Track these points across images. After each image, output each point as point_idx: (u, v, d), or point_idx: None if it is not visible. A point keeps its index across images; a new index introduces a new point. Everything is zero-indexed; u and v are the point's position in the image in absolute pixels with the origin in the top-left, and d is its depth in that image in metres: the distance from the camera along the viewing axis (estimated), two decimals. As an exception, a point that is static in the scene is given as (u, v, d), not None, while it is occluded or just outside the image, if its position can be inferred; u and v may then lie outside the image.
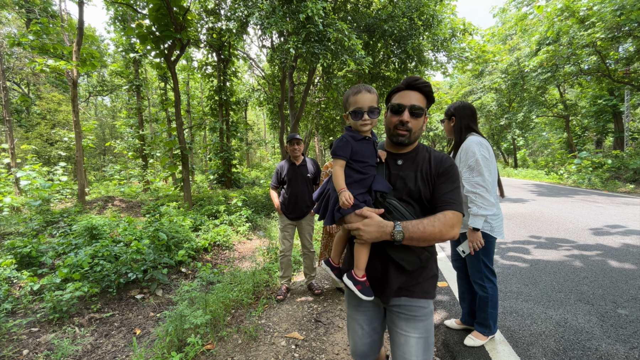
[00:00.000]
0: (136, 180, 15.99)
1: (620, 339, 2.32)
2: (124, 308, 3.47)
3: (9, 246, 4.29)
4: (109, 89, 23.96)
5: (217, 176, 13.11)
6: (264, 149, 33.25)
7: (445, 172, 1.19)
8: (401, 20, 9.48)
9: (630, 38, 13.21)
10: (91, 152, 23.65)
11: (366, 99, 1.18)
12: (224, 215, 7.26)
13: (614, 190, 11.42)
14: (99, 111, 29.41)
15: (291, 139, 3.30)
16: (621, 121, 16.23)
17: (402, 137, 1.21)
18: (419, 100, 1.20)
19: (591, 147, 21.51)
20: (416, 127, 1.21)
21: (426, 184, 1.20)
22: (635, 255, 4.16)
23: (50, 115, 18.21)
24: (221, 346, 2.50)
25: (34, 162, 9.25)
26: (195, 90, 23.18)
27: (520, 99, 23.52)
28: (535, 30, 17.61)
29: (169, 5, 6.60)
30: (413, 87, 1.21)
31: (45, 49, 6.76)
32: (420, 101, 1.20)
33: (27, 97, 17.53)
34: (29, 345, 2.72)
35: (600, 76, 16.35)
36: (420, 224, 1.07)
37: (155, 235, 4.57)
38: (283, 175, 3.41)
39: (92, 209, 8.08)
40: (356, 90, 1.20)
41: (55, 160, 16.78)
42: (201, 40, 11.27)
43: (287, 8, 6.88)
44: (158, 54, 7.63)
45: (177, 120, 7.80)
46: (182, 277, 4.34)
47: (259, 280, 3.67)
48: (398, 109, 1.20)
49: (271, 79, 14.58)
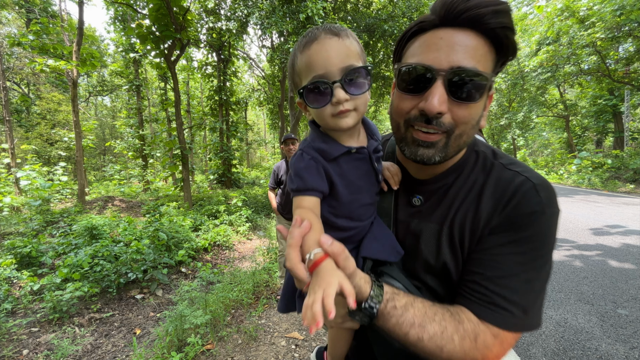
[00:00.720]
0: (136, 180, 16.00)
1: (620, 339, 2.32)
2: (124, 308, 3.47)
3: (9, 246, 4.29)
4: (109, 89, 23.96)
5: (217, 176, 13.13)
6: (264, 149, 33.25)
7: (514, 224, 0.56)
8: (401, 20, 9.49)
9: (630, 38, 13.22)
10: (91, 152, 23.65)
11: (332, 53, 0.56)
12: (224, 215, 7.26)
13: (614, 190, 11.43)
14: (99, 111, 29.42)
15: (286, 139, 3.30)
16: (621, 121, 16.23)
17: (426, 151, 0.58)
18: (474, 52, 0.53)
19: (591, 147, 21.53)
20: (464, 122, 0.56)
21: (460, 252, 0.61)
22: (635, 255, 4.16)
23: (50, 115, 18.22)
24: (221, 346, 2.50)
25: (34, 162, 9.25)
26: (195, 90, 23.18)
27: (520, 99, 23.52)
28: (535, 30, 17.64)
29: (169, 5, 6.60)
30: (462, 20, 0.52)
31: (45, 49, 6.76)
32: (477, 57, 0.53)
33: (27, 97, 17.53)
34: (29, 345, 2.72)
35: (600, 76, 16.36)
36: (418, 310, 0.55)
37: (155, 235, 4.57)
38: (280, 176, 3.41)
39: (92, 209, 8.08)
40: (309, 38, 0.58)
41: (55, 160, 16.79)
42: (201, 40, 11.28)
43: (287, 8, 6.88)
44: (158, 54, 7.63)
45: (177, 120, 7.80)
46: (182, 277, 4.34)
47: (259, 280, 3.67)
48: (419, 81, 0.56)
49: (271, 79, 14.59)
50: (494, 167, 0.62)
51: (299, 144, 2.79)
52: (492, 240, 0.57)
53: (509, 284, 0.54)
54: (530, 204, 0.55)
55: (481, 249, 0.58)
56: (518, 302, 0.54)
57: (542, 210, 0.55)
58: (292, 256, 0.50)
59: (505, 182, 0.59)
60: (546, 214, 0.55)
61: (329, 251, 0.49)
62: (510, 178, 0.59)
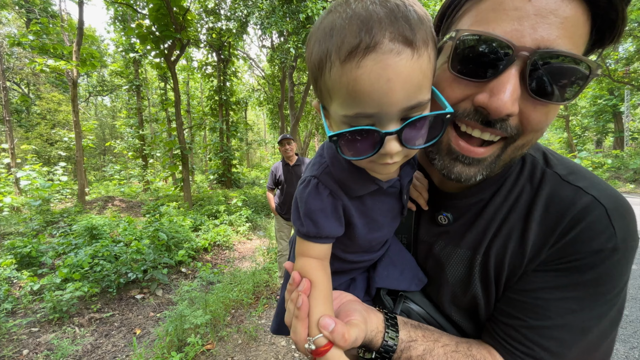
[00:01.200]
0: (136, 180, 16.00)
1: (620, 339, 2.31)
2: (124, 308, 3.47)
3: (9, 246, 4.29)
4: (109, 89, 23.96)
5: (217, 176, 13.14)
6: (264, 149, 33.25)
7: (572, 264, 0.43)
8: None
9: (630, 38, 13.22)
10: (91, 152, 23.66)
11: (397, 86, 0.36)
12: (224, 215, 7.26)
13: (614, 190, 11.43)
14: (99, 111, 29.42)
15: (281, 140, 3.32)
16: (621, 121, 16.23)
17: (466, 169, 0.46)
18: (572, 28, 0.37)
19: (591, 147, 21.56)
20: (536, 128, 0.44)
21: (495, 289, 0.49)
22: (636, 255, 4.15)
23: (50, 115, 18.23)
24: (221, 346, 2.50)
25: (34, 162, 9.25)
26: (195, 90, 23.19)
27: (520, 99, 23.53)
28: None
29: (169, 5, 6.60)
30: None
31: (45, 49, 6.77)
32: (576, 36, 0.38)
33: (27, 97, 17.54)
34: (29, 345, 2.72)
35: (600, 76, 16.35)
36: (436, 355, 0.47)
37: (155, 235, 4.57)
38: (278, 176, 3.42)
39: (92, 209, 8.08)
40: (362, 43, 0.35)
41: (55, 160, 16.79)
42: (201, 40, 11.28)
43: (287, 8, 6.89)
44: (158, 54, 7.63)
45: (177, 120, 7.81)
46: (182, 277, 4.34)
47: (259, 280, 3.67)
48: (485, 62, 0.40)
49: (271, 79, 14.59)
50: (545, 178, 0.46)
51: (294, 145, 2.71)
52: (539, 280, 0.44)
53: (555, 336, 0.42)
54: (597, 239, 0.40)
55: (524, 289, 0.45)
56: (566, 355, 0.41)
57: (615, 248, 0.40)
58: (300, 331, 0.43)
59: (563, 203, 0.43)
60: (619, 251, 0.41)
61: (331, 339, 0.41)
62: (571, 197, 0.43)
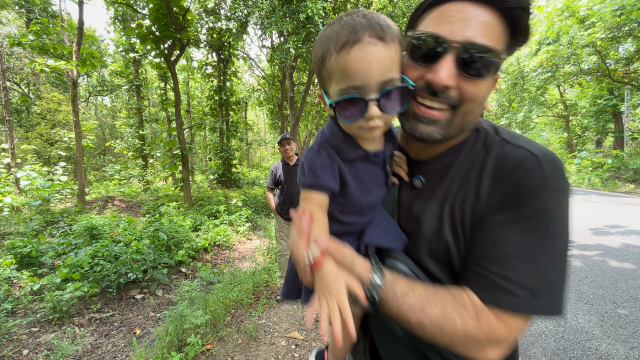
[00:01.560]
0: (136, 180, 16.00)
1: (620, 339, 2.32)
2: (124, 308, 3.47)
3: (9, 246, 4.29)
4: (109, 89, 23.96)
5: (217, 176, 13.13)
6: (264, 149, 33.25)
7: (516, 201, 0.52)
8: (401, 20, 9.48)
9: (630, 38, 13.22)
10: (91, 152, 23.65)
11: (374, 65, 0.51)
12: (224, 215, 7.26)
13: (613, 190, 11.43)
14: (99, 111, 29.41)
15: (281, 140, 3.33)
16: (621, 121, 16.23)
17: (426, 127, 0.58)
18: (488, 29, 0.52)
19: (591, 147, 21.56)
20: (471, 98, 0.55)
21: (462, 233, 0.58)
22: (635, 255, 4.16)
23: (50, 115, 18.23)
24: (221, 346, 2.51)
25: (34, 162, 9.25)
26: (195, 90, 23.19)
27: (521, 98, 23.54)
28: (535, 30, 17.61)
29: (169, 5, 6.60)
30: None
31: (45, 49, 6.77)
32: (492, 35, 0.53)
33: (27, 97, 17.53)
34: (29, 345, 2.72)
35: (600, 76, 16.36)
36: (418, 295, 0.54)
37: (155, 235, 4.57)
38: (278, 176, 3.43)
39: (92, 209, 8.08)
40: (349, 38, 0.51)
41: (55, 160, 16.78)
42: (201, 40, 11.28)
43: (287, 8, 6.88)
44: (158, 54, 7.64)
45: (177, 120, 7.81)
46: (182, 277, 4.34)
47: (259, 280, 3.68)
48: (429, 52, 0.55)
49: (271, 79, 14.60)
50: (494, 142, 0.59)
51: (294, 145, 2.77)
52: (493, 220, 0.54)
53: (512, 265, 0.51)
54: (532, 178, 0.51)
55: (483, 229, 0.55)
56: (523, 283, 0.50)
57: (546, 184, 0.51)
58: (300, 247, 0.55)
59: (506, 157, 0.56)
60: (551, 187, 0.51)
61: (324, 249, 0.52)
62: (511, 153, 0.56)
